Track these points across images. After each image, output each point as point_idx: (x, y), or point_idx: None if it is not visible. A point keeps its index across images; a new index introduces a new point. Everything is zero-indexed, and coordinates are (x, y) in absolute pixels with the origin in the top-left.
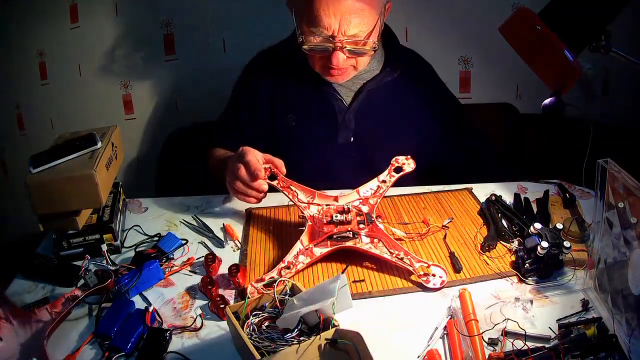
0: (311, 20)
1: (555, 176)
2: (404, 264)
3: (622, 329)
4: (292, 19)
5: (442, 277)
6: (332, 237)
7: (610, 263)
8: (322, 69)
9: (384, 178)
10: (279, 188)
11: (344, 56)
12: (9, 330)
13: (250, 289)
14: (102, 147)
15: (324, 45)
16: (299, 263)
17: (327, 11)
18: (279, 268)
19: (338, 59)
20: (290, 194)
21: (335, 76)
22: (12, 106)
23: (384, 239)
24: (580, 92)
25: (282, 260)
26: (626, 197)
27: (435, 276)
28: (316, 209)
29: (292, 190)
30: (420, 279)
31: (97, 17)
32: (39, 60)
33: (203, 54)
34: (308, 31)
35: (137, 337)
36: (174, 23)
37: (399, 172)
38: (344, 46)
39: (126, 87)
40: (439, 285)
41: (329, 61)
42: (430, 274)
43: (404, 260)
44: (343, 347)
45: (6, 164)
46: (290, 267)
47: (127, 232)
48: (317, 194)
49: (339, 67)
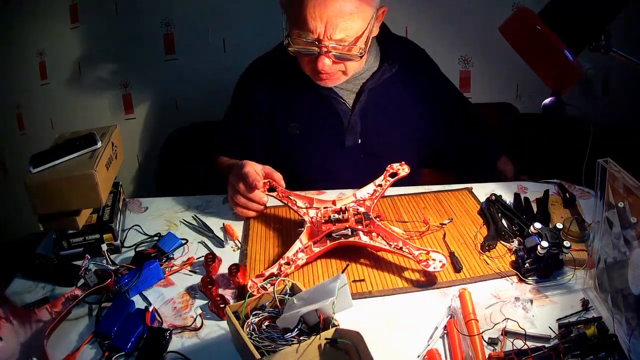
0: (298, 23)
1: (555, 176)
2: (403, 253)
3: (622, 329)
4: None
5: (442, 261)
6: (330, 235)
7: (610, 263)
8: (312, 72)
9: (380, 182)
10: (279, 199)
11: (329, 61)
12: (9, 329)
13: (250, 284)
14: (102, 147)
15: (309, 48)
16: (299, 259)
17: (313, 14)
18: (279, 264)
19: (323, 64)
20: (290, 203)
21: (325, 80)
22: (12, 106)
23: (382, 233)
24: (580, 92)
25: (282, 257)
26: (626, 197)
27: (435, 260)
28: (315, 212)
29: (291, 200)
30: (421, 264)
31: (97, 17)
32: (39, 60)
33: (203, 54)
34: (295, 33)
35: (137, 336)
36: (174, 23)
37: (394, 177)
38: (329, 50)
39: (126, 87)
40: (440, 269)
41: (316, 65)
42: (430, 259)
43: (403, 249)
44: (343, 347)
45: (6, 164)
46: (290, 263)
47: (127, 231)
48: (315, 200)
49: (326, 72)
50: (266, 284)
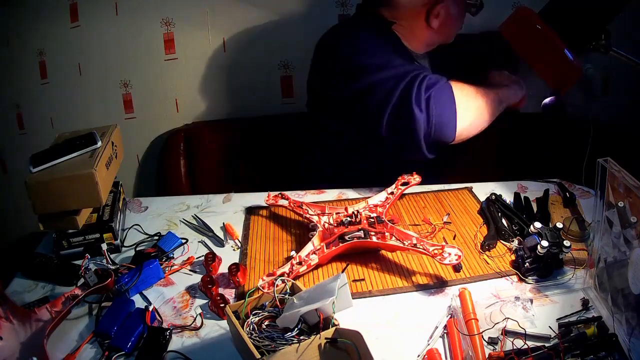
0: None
1: (555, 175)
2: (418, 249)
3: (622, 328)
4: (291, 19)
5: (458, 254)
6: (342, 237)
7: (610, 262)
8: (450, 32)
9: (392, 190)
10: (290, 209)
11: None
12: (9, 329)
13: (260, 282)
14: (102, 147)
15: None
16: (311, 260)
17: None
18: (292, 263)
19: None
20: (302, 212)
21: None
22: (12, 106)
23: (395, 232)
24: (580, 91)
25: (294, 257)
26: (626, 196)
27: (450, 255)
28: (327, 217)
29: (302, 209)
30: (436, 259)
31: (97, 17)
32: (39, 60)
33: (203, 54)
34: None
35: (137, 336)
36: (174, 23)
37: (405, 185)
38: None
39: (126, 86)
40: (456, 262)
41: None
42: (445, 253)
43: (417, 246)
44: (343, 347)
45: (6, 164)
46: (302, 263)
47: (127, 231)
48: (327, 206)
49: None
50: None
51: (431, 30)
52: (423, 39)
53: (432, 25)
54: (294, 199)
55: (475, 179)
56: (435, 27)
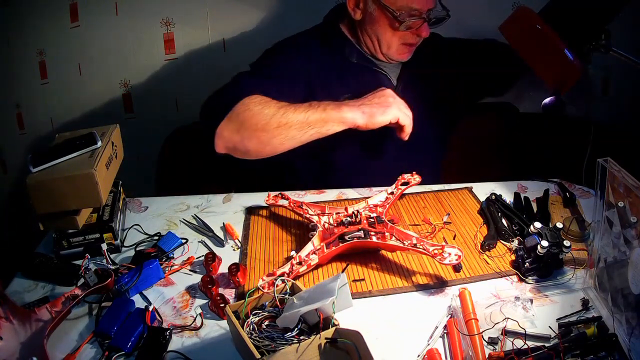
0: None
1: (555, 175)
2: (418, 249)
3: (622, 328)
4: (291, 19)
5: (458, 254)
6: (342, 237)
7: (610, 262)
8: (400, 47)
9: (392, 190)
10: (290, 208)
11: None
12: (9, 329)
13: (260, 282)
14: (102, 147)
15: (416, 19)
16: (311, 260)
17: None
18: (292, 263)
19: (427, 31)
20: (302, 212)
21: (408, 53)
22: (12, 106)
23: (395, 232)
24: (580, 91)
25: (294, 257)
26: (626, 196)
27: (450, 255)
28: (327, 218)
29: (302, 209)
30: (436, 259)
31: (97, 17)
32: (39, 60)
33: (203, 54)
34: (406, 9)
35: (137, 336)
36: (174, 23)
37: (406, 185)
38: (432, 18)
39: (126, 86)
40: (456, 262)
41: (412, 37)
42: (445, 253)
43: (417, 246)
44: (343, 347)
45: (6, 164)
46: (302, 263)
47: (127, 231)
48: (327, 207)
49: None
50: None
51: (388, 29)
52: (385, 41)
53: (355, 17)
54: (294, 199)
55: (475, 179)
56: (357, 18)
